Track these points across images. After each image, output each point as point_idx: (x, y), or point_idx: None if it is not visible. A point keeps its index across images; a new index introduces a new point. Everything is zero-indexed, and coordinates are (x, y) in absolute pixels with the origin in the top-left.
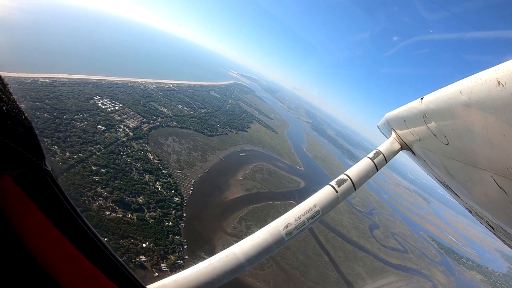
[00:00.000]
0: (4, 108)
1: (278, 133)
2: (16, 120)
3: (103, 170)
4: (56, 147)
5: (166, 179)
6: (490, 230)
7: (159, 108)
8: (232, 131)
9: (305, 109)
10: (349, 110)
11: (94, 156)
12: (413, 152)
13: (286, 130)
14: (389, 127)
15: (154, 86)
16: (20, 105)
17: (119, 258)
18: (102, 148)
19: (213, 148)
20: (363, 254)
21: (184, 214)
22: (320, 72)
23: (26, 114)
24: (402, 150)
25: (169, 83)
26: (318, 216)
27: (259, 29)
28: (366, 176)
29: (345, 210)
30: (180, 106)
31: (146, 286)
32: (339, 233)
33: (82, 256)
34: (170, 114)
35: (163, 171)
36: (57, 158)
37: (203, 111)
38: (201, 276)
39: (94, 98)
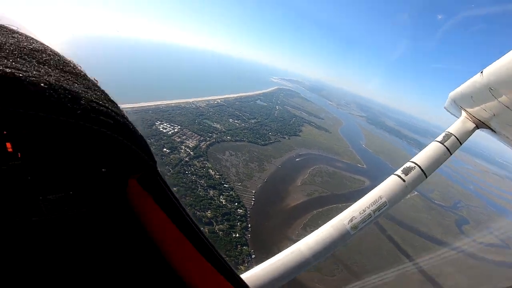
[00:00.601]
0: (125, 121)
1: (331, 132)
2: (135, 130)
3: (174, 188)
4: None
5: (229, 192)
6: None
7: (212, 125)
8: (285, 137)
9: (357, 103)
10: (408, 97)
11: (165, 177)
12: (492, 130)
13: (340, 128)
14: (457, 106)
15: (204, 104)
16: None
17: (223, 256)
18: (170, 169)
19: (268, 157)
20: (452, 253)
21: (249, 225)
22: (365, 64)
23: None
24: (478, 128)
25: (217, 99)
26: (385, 208)
27: (294, 30)
28: (437, 161)
29: (422, 207)
30: (231, 120)
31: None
32: (418, 232)
33: (198, 254)
34: (223, 129)
35: (224, 185)
36: None
37: (253, 121)
38: (266, 275)
39: (155, 124)
